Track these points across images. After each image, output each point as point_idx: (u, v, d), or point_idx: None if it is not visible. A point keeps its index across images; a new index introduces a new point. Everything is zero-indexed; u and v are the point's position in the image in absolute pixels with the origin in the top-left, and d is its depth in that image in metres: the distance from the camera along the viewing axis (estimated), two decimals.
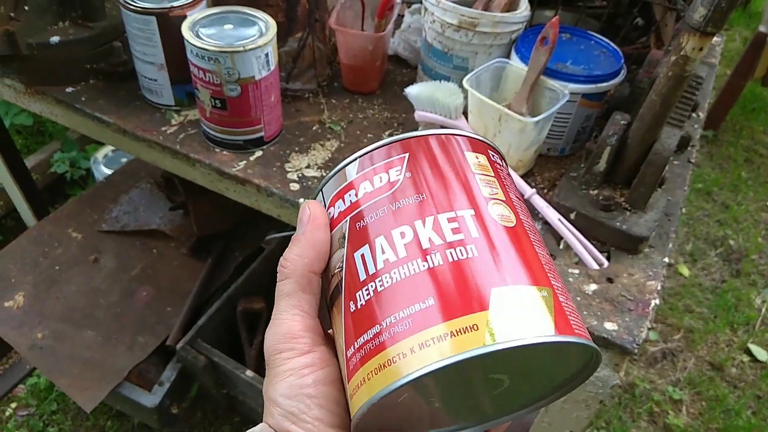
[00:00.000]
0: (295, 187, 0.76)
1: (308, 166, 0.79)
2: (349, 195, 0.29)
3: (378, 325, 0.25)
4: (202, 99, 0.76)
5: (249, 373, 1.01)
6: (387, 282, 0.26)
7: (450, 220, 0.27)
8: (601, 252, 0.70)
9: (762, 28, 2.22)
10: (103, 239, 1.19)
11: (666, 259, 0.70)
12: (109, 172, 1.46)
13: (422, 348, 0.24)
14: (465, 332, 0.23)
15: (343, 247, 0.28)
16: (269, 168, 0.78)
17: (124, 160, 1.57)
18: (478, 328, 0.24)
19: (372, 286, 0.26)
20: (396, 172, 0.29)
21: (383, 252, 0.27)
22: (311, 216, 0.31)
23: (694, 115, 0.90)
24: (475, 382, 0.27)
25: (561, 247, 0.70)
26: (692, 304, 1.85)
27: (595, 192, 0.73)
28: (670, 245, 0.71)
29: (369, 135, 0.85)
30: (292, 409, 0.29)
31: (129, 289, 1.12)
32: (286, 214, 0.79)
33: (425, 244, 0.26)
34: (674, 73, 0.61)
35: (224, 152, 0.80)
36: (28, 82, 0.89)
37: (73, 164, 1.78)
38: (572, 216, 0.72)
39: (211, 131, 0.79)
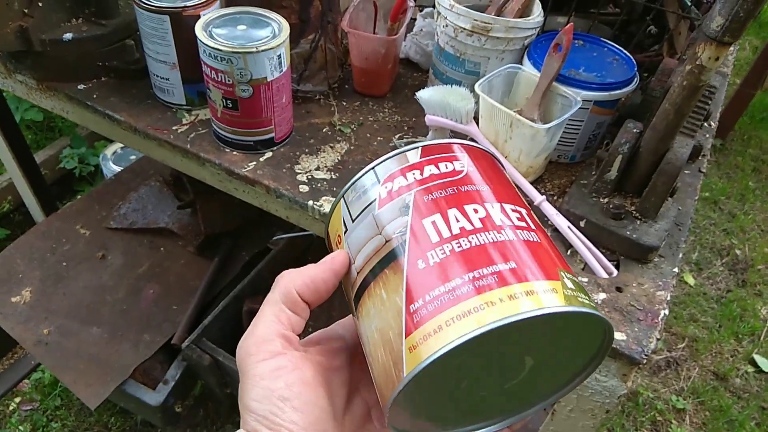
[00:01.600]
0: (304, 189, 0.76)
1: (318, 168, 0.79)
2: (413, 173, 0.33)
3: (459, 278, 0.28)
4: (213, 99, 0.76)
5: None
6: (465, 245, 0.29)
7: (513, 210, 0.31)
8: (610, 261, 0.70)
9: None
10: (110, 236, 1.19)
11: (676, 270, 0.69)
12: (117, 169, 1.46)
13: (510, 299, 0.27)
14: (544, 293, 0.27)
15: (407, 215, 0.31)
16: (279, 169, 0.78)
17: (132, 157, 1.58)
18: (557, 291, 0.28)
19: (448, 247, 0.29)
20: (460, 164, 0.33)
21: (457, 221, 0.30)
22: (334, 260, 0.33)
23: (706, 124, 0.90)
24: (508, 357, 0.30)
25: (570, 254, 0.70)
26: (697, 314, 1.84)
27: (606, 200, 0.72)
28: (681, 255, 0.71)
29: (379, 138, 0.85)
30: (264, 412, 0.29)
31: (136, 287, 1.13)
32: (295, 215, 0.79)
33: (497, 222, 0.30)
34: (689, 83, 0.61)
35: (234, 152, 0.80)
36: (40, 78, 0.89)
37: (81, 160, 1.79)
38: (582, 224, 0.71)
39: (221, 131, 0.79)
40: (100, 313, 1.08)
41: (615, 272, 0.69)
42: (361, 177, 0.35)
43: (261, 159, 0.80)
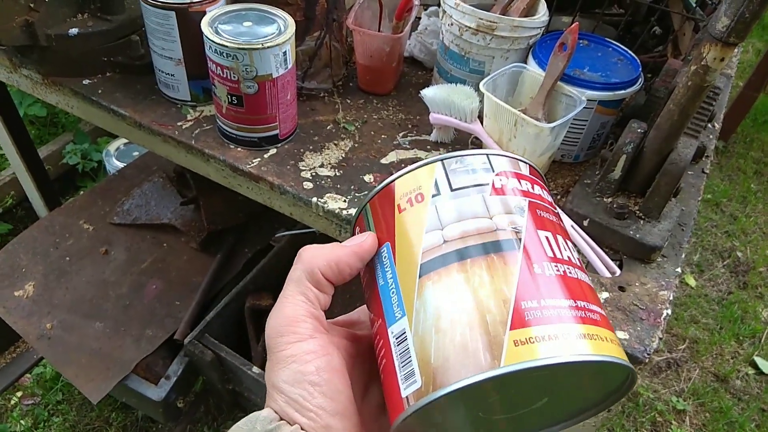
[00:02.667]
0: (308, 185, 0.76)
1: (322, 165, 0.79)
2: (525, 183, 0.34)
3: (574, 301, 0.29)
4: (218, 95, 0.76)
5: (255, 369, 1.01)
6: (571, 273, 0.30)
7: (570, 247, 0.33)
8: (613, 260, 0.70)
9: None
10: (114, 232, 1.19)
11: (679, 269, 0.69)
12: (120, 165, 1.46)
13: (605, 341, 0.28)
14: (616, 344, 0.29)
15: (523, 216, 0.32)
16: (283, 166, 0.78)
17: (135, 153, 1.58)
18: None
19: (561, 267, 0.30)
20: (552, 199, 0.35)
21: (562, 249, 0.31)
22: (361, 245, 0.33)
23: (710, 125, 0.90)
24: (534, 390, 0.31)
25: None
26: (698, 315, 1.84)
27: (609, 200, 0.72)
28: (683, 255, 0.71)
29: (383, 136, 0.85)
30: (295, 396, 0.30)
31: (138, 282, 1.13)
32: (299, 212, 0.79)
33: (580, 265, 0.32)
34: (694, 83, 0.61)
35: (239, 149, 0.80)
36: (45, 73, 0.89)
37: (84, 156, 1.80)
38: (585, 223, 0.71)
39: (226, 127, 0.79)
40: (103, 308, 1.08)
41: (618, 272, 0.69)
42: (471, 155, 0.34)
43: (265, 155, 0.80)
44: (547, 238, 0.31)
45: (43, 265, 1.12)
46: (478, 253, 0.30)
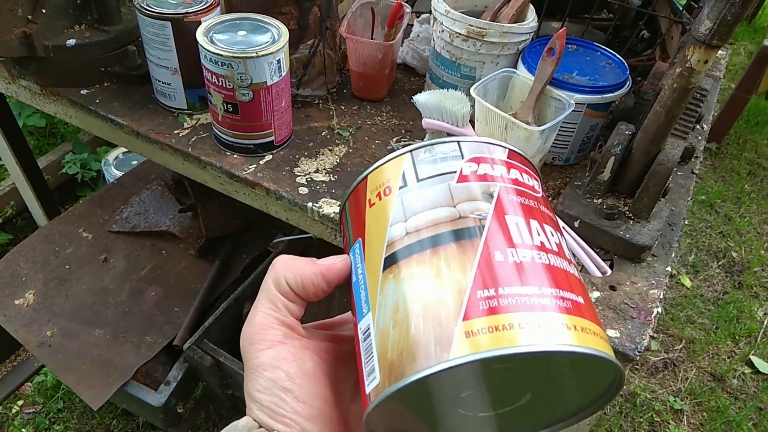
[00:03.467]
0: (303, 191, 0.77)
1: (317, 171, 0.81)
2: (500, 167, 0.32)
3: (540, 288, 0.27)
4: (214, 103, 0.77)
5: None
6: (545, 259, 0.29)
7: (557, 236, 0.32)
8: (604, 260, 0.71)
9: (767, 43, 2.24)
10: (113, 239, 1.20)
11: (668, 268, 0.71)
12: (119, 174, 1.48)
13: (584, 331, 0.27)
14: (600, 337, 0.28)
15: (490, 202, 0.30)
16: (279, 172, 0.80)
17: (134, 162, 1.59)
18: (603, 338, 0.28)
19: (529, 253, 0.29)
20: (537, 185, 0.34)
21: (538, 234, 0.30)
22: (330, 267, 0.33)
23: (698, 126, 0.91)
24: (520, 384, 0.30)
25: None
26: (694, 315, 1.85)
27: (599, 201, 0.74)
28: (673, 254, 0.73)
29: (377, 141, 0.86)
30: (267, 403, 0.30)
31: (138, 289, 1.14)
32: (295, 217, 0.80)
33: (567, 254, 0.31)
34: (679, 85, 0.62)
35: (235, 156, 0.81)
36: (44, 84, 0.91)
37: (84, 166, 1.81)
38: (576, 224, 0.73)
39: (222, 135, 0.81)
40: (103, 315, 1.09)
41: (609, 271, 0.70)
42: (442, 143, 0.33)
43: (261, 162, 0.81)
44: (516, 224, 0.30)
45: (43, 273, 1.13)
46: (436, 243, 0.29)
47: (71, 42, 0.86)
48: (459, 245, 0.29)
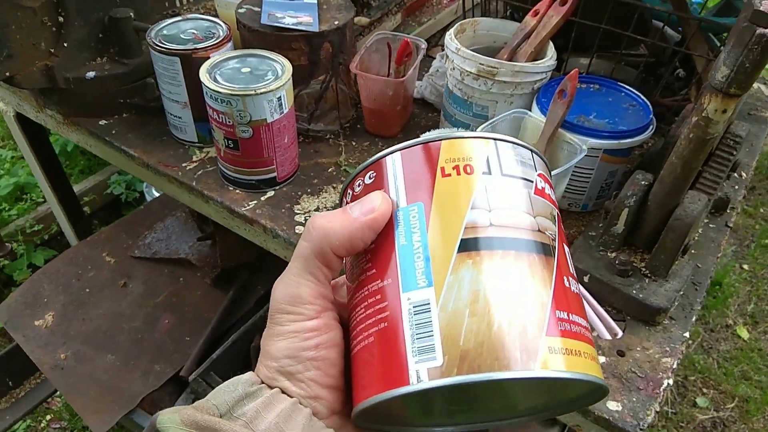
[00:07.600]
0: (300, 230, 0.75)
1: (317, 209, 0.78)
2: (551, 191, 0.33)
3: (584, 320, 0.29)
4: (217, 138, 0.77)
5: None
6: (576, 289, 0.30)
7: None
8: (616, 320, 0.65)
9: None
10: (134, 265, 1.22)
11: (687, 334, 0.64)
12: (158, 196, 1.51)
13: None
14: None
15: (555, 225, 0.31)
16: (278, 209, 0.78)
17: None
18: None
19: (575, 284, 0.30)
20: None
21: (573, 266, 0.32)
22: (376, 218, 0.30)
23: (735, 175, 0.83)
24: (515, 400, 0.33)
25: None
26: (750, 371, 1.70)
27: (613, 255, 0.68)
28: (694, 318, 0.65)
29: None
30: (290, 368, 0.30)
31: (152, 316, 1.14)
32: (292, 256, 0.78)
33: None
34: (695, 135, 0.56)
35: (237, 191, 0.80)
36: (66, 114, 0.93)
37: (128, 186, 1.87)
38: (586, 279, 0.67)
39: (225, 170, 0.80)
40: (116, 340, 1.10)
41: (620, 333, 0.64)
42: (521, 146, 0.32)
43: (262, 198, 0.80)
44: (569, 253, 0.31)
45: (64, 295, 1.15)
46: (521, 249, 0.29)
47: (91, 74, 0.88)
48: (541, 259, 0.29)
